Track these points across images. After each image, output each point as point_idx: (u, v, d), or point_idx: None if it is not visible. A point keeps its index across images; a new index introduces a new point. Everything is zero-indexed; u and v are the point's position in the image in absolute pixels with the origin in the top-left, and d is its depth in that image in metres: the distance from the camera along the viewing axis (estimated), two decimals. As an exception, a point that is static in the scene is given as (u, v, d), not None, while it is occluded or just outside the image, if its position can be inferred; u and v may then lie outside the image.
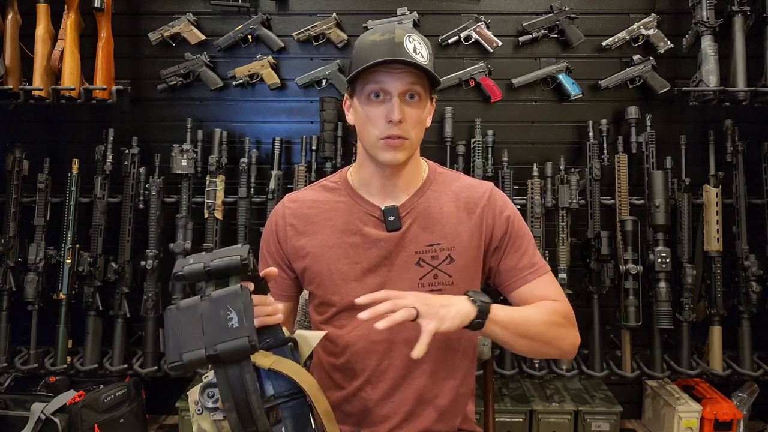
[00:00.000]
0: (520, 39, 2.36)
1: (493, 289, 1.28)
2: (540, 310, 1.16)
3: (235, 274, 0.81)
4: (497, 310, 1.07)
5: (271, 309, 0.92)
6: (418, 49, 1.09)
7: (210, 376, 0.88)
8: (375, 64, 1.07)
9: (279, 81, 2.38)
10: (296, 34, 2.37)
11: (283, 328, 0.94)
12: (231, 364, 0.79)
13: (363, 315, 0.97)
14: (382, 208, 1.18)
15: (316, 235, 1.20)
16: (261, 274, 0.93)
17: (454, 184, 1.24)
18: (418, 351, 0.97)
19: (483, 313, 1.04)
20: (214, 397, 0.87)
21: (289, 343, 0.92)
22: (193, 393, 0.89)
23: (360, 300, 1.01)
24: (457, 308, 1.02)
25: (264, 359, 0.88)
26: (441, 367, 1.19)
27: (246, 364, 0.79)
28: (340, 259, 1.18)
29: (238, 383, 0.79)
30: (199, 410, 0.88)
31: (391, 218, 1.17)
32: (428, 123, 1.19)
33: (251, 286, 0.87)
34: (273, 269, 0.96)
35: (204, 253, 0.84)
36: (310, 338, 0.96)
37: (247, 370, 0.79)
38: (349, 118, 1.19)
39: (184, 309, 0.79)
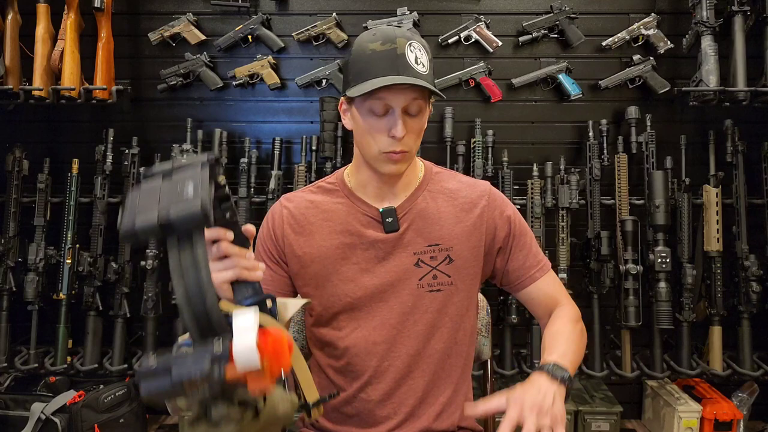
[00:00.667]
0: (520, 39, 2.37)
1: (494, 287, 1.29)
2: (574, 333, 1.19)
3: (199, 228, 0.74)
4: (569, 366, 1.09)
5: (250, 263, 0.87)
6: (420, 59, 1.08)
7: None
8: (378, 88, 1.04)
9: (279, 81, 2.38)
10: (296, 34, 2.37)
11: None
12: (184, 239, 0.73)
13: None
14: (380, 210, 1.18)
15: (314, 237, 1.19)
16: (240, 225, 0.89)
17: (451, 183, 1.24)
18: None
19: (569, 381, 1.08)
20: None
21: (267, 300, 0.87)
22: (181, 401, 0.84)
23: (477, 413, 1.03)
24: (558, 397, 1.08)
25: (232, 306, 0.83)
26: (441, 366, 1.19)
27: (199, 238, 0.73)
28: (338, 261, 1.17)
29: (189, 257, 0.73)
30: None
31: (389, 220, 1.17)
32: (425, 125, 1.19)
33: (230, 235, 0.85)
34: (250, 226, 0.90)
35: (164, 163, 0.79)
36: (289, 304, 0.91)
37: (199, 244, 0.73)
38: (346, 122, 1.17)
39: (145, 187, 0.74)
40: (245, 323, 0.72)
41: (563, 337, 1.16)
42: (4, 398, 2.20)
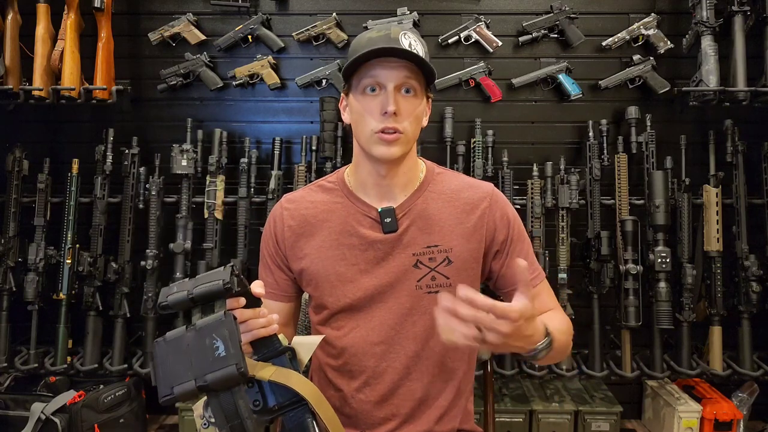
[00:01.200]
0: (520, 39, 2.36)
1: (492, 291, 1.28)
2: (565, 327, 1.15)
3: (219, 298, 0.82)
4: (554, 334, 1.01)
5: (264, 321, 0.91)
6: (414, 45, 1.09)
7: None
8: (370, 54, 1.07)
9: (279, 81, 2.38)
10: (296, 34, 2.37)
11: (281, 336, 0.94)
12: (223, 392, 0.79)
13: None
14: (379, 210, 1.17)
15: (314, 237, 1.19)
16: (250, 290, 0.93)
17: (453, 184, 1.23)
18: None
19: (544, 348, 0.98)
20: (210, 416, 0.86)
21: (287, 352, 0.92)
22: (198, 407, 0.88)
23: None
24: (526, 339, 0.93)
25: (263, 371, 0.88)
26: (440, 368, 1.19)
27: (237, 390, 0.79)
28: (337, 261, 1.17)
29: (232, 410, 0.79)
30: (205, 424, 0.87)
31: (388, 220, 1.16)
32: (425, 123, 1.18)
33: (242, 301, 0.88)
34: (259, 290, 0.93)
35: (187, 279, 0.85)
36: (307, 344, 0.95)
37: (239, 396, 0.79)
38: (345, 117, 1.18)
39: (171, 341, 0.80)
40: None
41: (556, 326, 1.08)
42: (4, 398, 2.20)
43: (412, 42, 1.10)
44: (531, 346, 0.95)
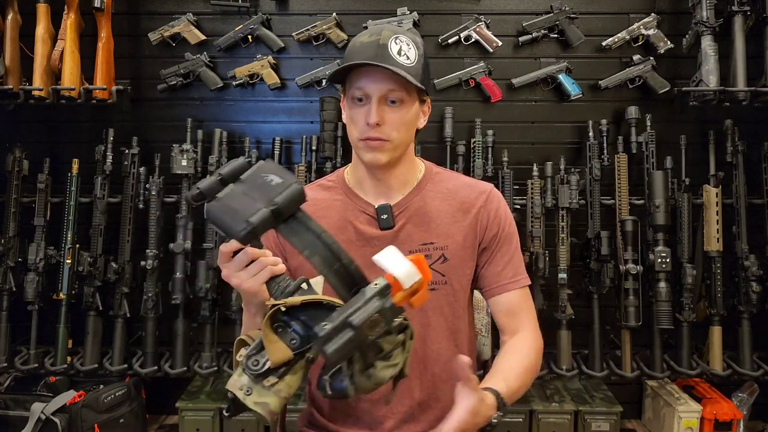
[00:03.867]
0: (520, 39, 2.36)
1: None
2: (522, 362, 1.16)
3: (244, 171, 0.85)
4: (507, 398, 1.06)
5: (273, 260, 0.93)
6: (404, 51, 1.09)
7: (243, 353, 0.88)
8: (352, 66, 1.09)
9: (279, 81, 2.38)
10: (296, 34, 2.37)
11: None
12: (291, 219, 0.82)
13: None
14: (376, 206, 1.18)
15: None
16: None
17: (451, 183, 1.24)
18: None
19: (503, 410, 1.04)
20: (260, 364, 0.86)
21: (303, 283, 0.92)
22: (233, 382, 0.86)
23: None
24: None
25: (293, 299, 0.87)
26: (440, 368, 1.19)
27: (302, 213, 0.83)
28: None
29: (306, 230, 0.83)
30: (248, 392, 0.85)
31: (384, 216, 1.17)
32: (421, 124, 1.19)
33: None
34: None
35: (206, 180, 0.86)
36: (315, 282, 0.95)
37: (306, 217, 0.83)
38: (344, 117, 1.20)
39: (224, 197, 0.82)
40: (393, 254, 0.82)
41: (514, 374, 1.13)
42: (4, 398, 2.20)
43: (402, 47, 1.09)
44: (485, 425, 1.01)
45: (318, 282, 0.93)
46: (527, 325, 1.22)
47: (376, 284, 0.79)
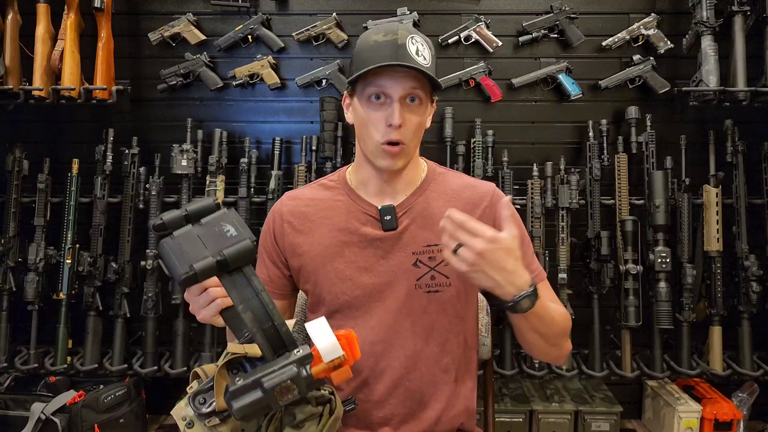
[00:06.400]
0: (520, 39, 2.36)
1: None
2: (560, 312, 1.13)
3: (210, 212, 0.86)
4: (543, 300, 1.03)
5: (221, 291, 0.91)
6: (421, 51, 1.08)
7: (194, 386, 0.89)
8: (377, 68, 1.06)
9: (279, 81, 2.38)
10: (296, 34, 2.37)
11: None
12: (236, 272, 0.83)
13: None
14: (379, 208, 1.17)
15: (313, 234, 1.19)
16: None
17: (455, 183, 1.23)
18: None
19: (534, 294, 0.99)
20: (206, 403, 0.87)
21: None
22: (178, 410, 0.88)
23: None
24: (519, 275, 0.97)
25: (251, 349, 0.87)
26: (441, 369, 1.19)
27: (249, 268, 0.84)
28: (336, 258, 1.17)
29: (247, 285, 0.83)
30: (189, 424, 0.87)
31: (388, 218, 1.16)
32: (428, 124, 1.18)
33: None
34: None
35: (172, 211, 0.87)
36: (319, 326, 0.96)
37: (251, 273, 0.84)
38: (348, 116, 1.18)
39: (180, 236, 0.83)
40: (320, 326, 0.83)
41: (551, 305, 1.11)
42: (4, 398, 2.20)
43: (419, 47, 1.09)
44: (512, 288, 0.96)
45: (289, 324, 0.95)
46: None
47: (298, 351, 0.81)
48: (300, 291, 1.28)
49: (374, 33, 1.12)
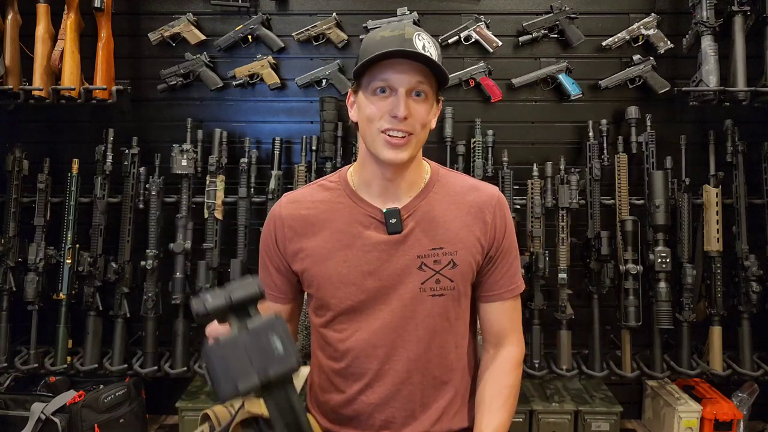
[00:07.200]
0: (520, 39, 2.36)
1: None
2: (506, 384, 1.20)
3: (254, 303, 0.85)
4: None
5: None
6: (427, 48, 1.08)
7: (205, 429, 0.90)
8: (383, 56, 1.05)
9: (279, 81, 2.38)
10: (296, 34, 2.37)
11: None
12: (277, 389, 0.82)
13: None
14: (384, 211, 1.16)
15: (315, 237, 1.17)
16: None
17: (458, 185, 1.22)
18: None
19: None
20: None
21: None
22: None
23: None
24: None
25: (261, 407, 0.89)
26: (442, 370, 1.18)
27: (290, 386, 0.82)
28: (339, 262, 1.15)
29: (287, 405, 0.82)
30: None
31: (393, 221, 1.14)
32: (432, 125, 1.16)
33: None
34: None
35: (217, 288, 0.86)
36: (299, 376, 0.97)
37: (291, 391, 0.83)
38: (352, 115, 1.17)
39: (225, 343, 0.81)
40: None
41: (503, 402, 1.18)
42: (4, 398, 2.20)
43: (426, 44, 1.08)
44: None
45: (303, 375, 0.95)
46: (512, 336, 1.23)
47: None
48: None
49: (381, 30, 1.12)
